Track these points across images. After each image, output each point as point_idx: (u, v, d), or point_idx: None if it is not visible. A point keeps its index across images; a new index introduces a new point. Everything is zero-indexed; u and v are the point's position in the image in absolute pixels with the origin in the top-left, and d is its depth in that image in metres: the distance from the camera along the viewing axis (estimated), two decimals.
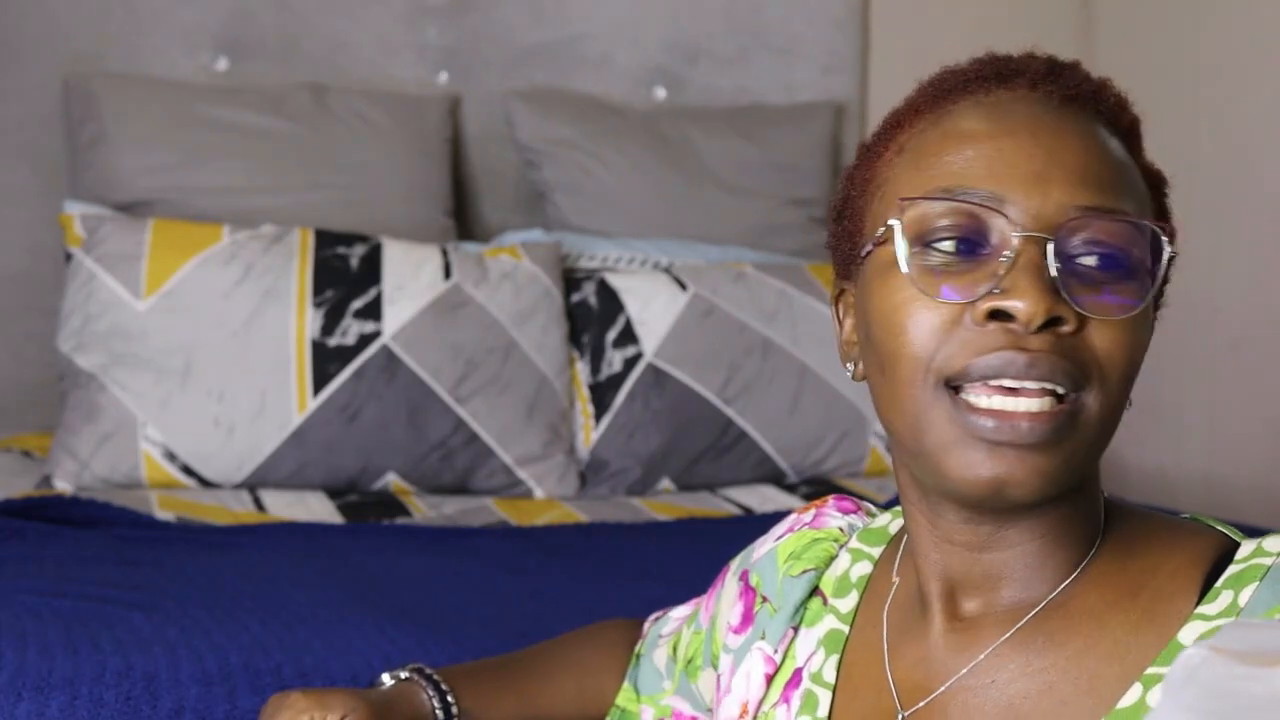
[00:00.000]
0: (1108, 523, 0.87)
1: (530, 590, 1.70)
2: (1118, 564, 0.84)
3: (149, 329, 2.20)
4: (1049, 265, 0.79)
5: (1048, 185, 0.80)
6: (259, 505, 2.13)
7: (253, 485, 2.21)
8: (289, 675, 1.30)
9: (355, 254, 2.31)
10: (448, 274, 2.34)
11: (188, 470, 2.17)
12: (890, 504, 1.03)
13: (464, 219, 2.77)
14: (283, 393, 2.20)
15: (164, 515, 1.99)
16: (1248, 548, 0.81)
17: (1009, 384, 0.78)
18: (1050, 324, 0.79)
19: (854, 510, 1.03)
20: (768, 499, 2.31)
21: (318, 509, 2.12)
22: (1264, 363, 2.59)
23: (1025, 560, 0.84)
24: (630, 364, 2.39)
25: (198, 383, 2.18)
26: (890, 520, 1.00)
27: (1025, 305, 0.78)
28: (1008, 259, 0.79)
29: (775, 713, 0.94)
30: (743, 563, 1.04)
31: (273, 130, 2.53)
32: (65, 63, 2.56)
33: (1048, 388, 0.79)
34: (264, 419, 2.19)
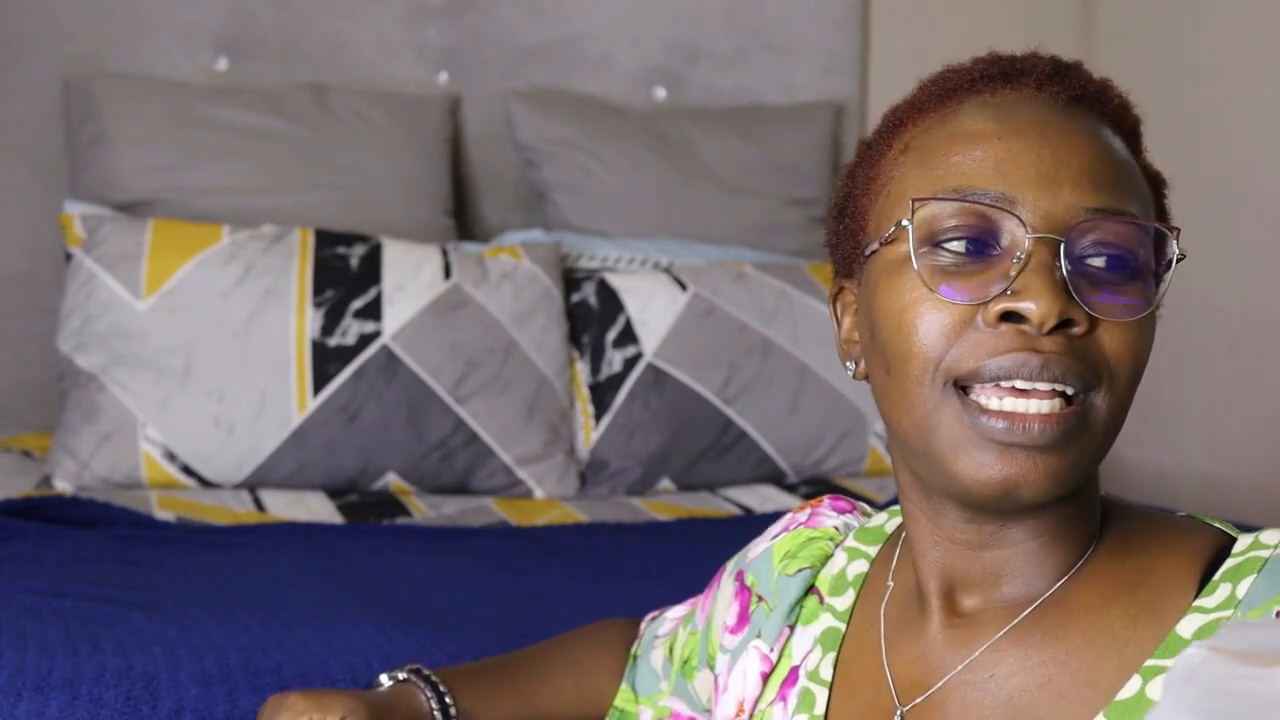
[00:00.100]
0: (1106, 521, 0.87)
1: (530, 590, 1.70)
2: (1116, 560, 0.84)
3: (149, 329, 2.20)
4: (1060, 266, 0.79)
5: (1057, 186, 0.80)
6: (259, 505, 2.13)
7: (253, 485, 2.21)
8: (289, 675, 1.30)
9: (355, 254, 2.31)
10: (448, 274, 2.34)
11: (188, 470, 2.17)
12: (888, 505, 1.03)
13: (464, 219, 2.77)
14: (283, 393, 2.20)
15: (164, 515, 1.99)
16: (1245, 541, 0.82)
17: (1020, 385, 0.79)
18: (1062, 325, 0.79)
19: (849, 510, 1.03)
20: (768, 499, 2.31)
21: (318, 509, 2.12)
22: (1264, 363, 2.59)
23: (1025, 558, 0.84)
24: (630, 364, 2.39)
25: (198, 383, 2.18)
26: (886, 519, 1.00)
27: (1038, 307, 0.78)
28: (1019, 260, 0.79)
29: (772, 711, 0.94)
30: (738, 563, 1.04)
31: (272, 130, 2.53)
32: (65, 63, 2.56)
33: (1058, 389, 0.79)
34: (264, 419, 2.19)
